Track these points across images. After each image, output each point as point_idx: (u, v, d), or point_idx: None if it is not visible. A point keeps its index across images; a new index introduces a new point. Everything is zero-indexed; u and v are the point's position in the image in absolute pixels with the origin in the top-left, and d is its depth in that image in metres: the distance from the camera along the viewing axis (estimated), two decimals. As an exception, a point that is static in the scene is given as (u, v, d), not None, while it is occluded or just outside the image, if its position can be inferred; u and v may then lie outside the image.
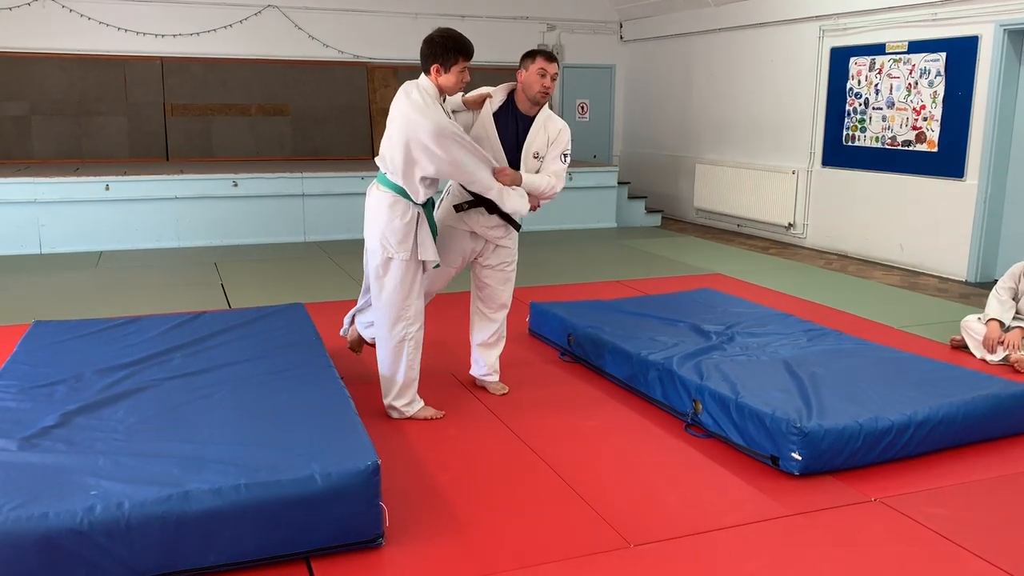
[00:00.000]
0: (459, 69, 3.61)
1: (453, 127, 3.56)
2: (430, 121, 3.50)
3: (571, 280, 6.99)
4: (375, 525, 2.72)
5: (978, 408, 3.58)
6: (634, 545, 2.80)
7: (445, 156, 3.54)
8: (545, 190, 3.89)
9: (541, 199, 3.93)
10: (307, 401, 3.28)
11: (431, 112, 3.52)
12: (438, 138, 3.50)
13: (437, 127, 3.50)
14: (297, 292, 6.36)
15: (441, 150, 3.52)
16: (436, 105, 3.57)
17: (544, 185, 3.88)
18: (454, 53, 3.58)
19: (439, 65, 3.58)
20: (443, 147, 3.52)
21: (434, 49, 3.59)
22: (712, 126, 10.31)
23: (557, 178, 3.93)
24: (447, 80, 3.61)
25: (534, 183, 3.85)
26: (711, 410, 3.66)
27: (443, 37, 3.60)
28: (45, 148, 9.49)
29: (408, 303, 3.77)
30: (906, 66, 7.61)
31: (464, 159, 3.59)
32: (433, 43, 3.60)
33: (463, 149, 3.58)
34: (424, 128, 3.50)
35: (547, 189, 3.89)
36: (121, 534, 2.40)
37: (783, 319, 4.94)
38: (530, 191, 3.84)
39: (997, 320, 4.82)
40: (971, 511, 3.08)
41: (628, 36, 11.73)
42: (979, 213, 7.07)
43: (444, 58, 3.58)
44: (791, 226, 9.07)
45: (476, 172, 3.64)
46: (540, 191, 3.88)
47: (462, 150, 3.57)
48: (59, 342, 4.03)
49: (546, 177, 3.90)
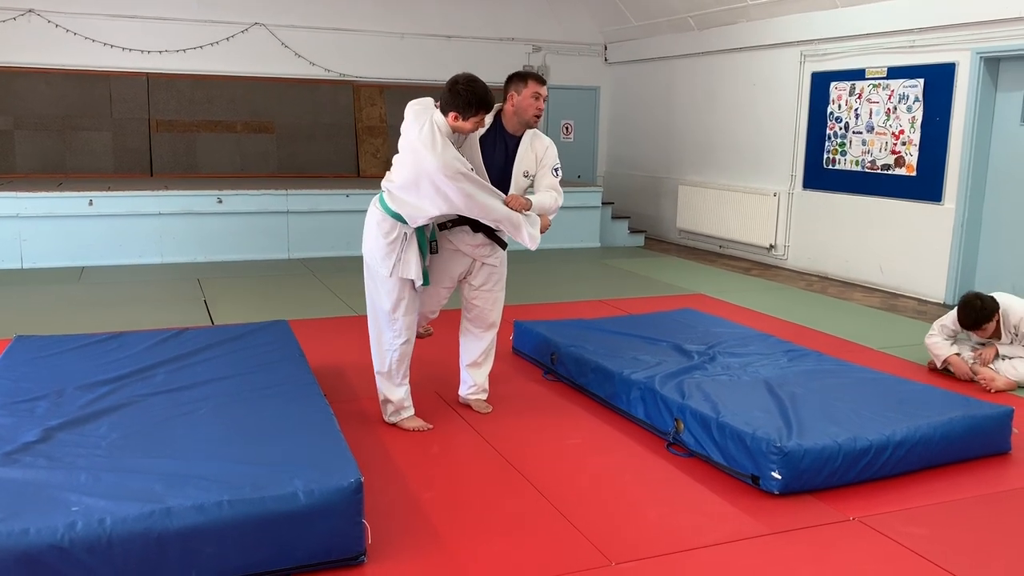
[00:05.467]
0: (477, 120, 3.68)
1: (460, 163, 3.60)
2: (438, 159, 3.55)
3: (554, 299, 7.02)
4: (358, 542, 2.72)
5: (955, 428, 3.62)
6: (615, 563, 2.81)
7: (456, 192, 3.59)
8: (552, 207, 3.95)
9: (549, 215, 3.97)
10: (290, 418, 3.28)
11: (441, 151, 3.56)
12: (447, 175, 3.55)
13: (445, 164, 3.55)
14: (281, 309, 6.35)
15: (451, 186, 3.57)
16: (446, 142, 3.62)
17: (550, 202, 3.94)
18: (475, 108, 3.64)
19: (458, 114, 3.64)
20: (454, 183, 3.57)
21: (456, 100, 3.63)
22: (695, 148, 10.41)
23: (557, 192, 3.99)
24: (463, 126, 3.68)
25: (542, 203, 3.91)
26: (692, 429, 3.68)
27: (468, 91, 3.62)
28: (28, 163, 9.44)
29: (395, 316, 3.83)
30: (885, 91, 7.73)
31: (475, 192, 3.63)
32: (457, 94, 3.63)
33: (472, 184, 3.63)
34: (433, 165, 3.55)
35: (553, 205, 3.96)
36: (103, 551, 2.38)
37: (764, 339, 4.98)
38: (541, 212, 3.90)
39: (955, 355, 4.98)
40: (949, 530, 3.11)
41: (613, 58, 11.85)
42: (956, 236, 7.17)
43: (464, 110, 3.63)
44: (772, 247, 9.16)
45: (487, 203, 3.68)
46: (549, 209, 3.94)
47: (472, 185, 3.62)
48: (41, 357, 4.01)
49: (549, 194, 3.95)
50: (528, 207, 3.82)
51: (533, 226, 3.83)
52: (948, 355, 4.99)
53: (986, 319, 4.81)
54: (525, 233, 3.79)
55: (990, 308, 4.80)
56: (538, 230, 3.86)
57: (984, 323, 4.82)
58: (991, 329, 4.86)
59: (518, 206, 3.77)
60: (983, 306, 4.80)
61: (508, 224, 3.77)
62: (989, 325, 4.83)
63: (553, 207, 3.96)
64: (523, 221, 3.77)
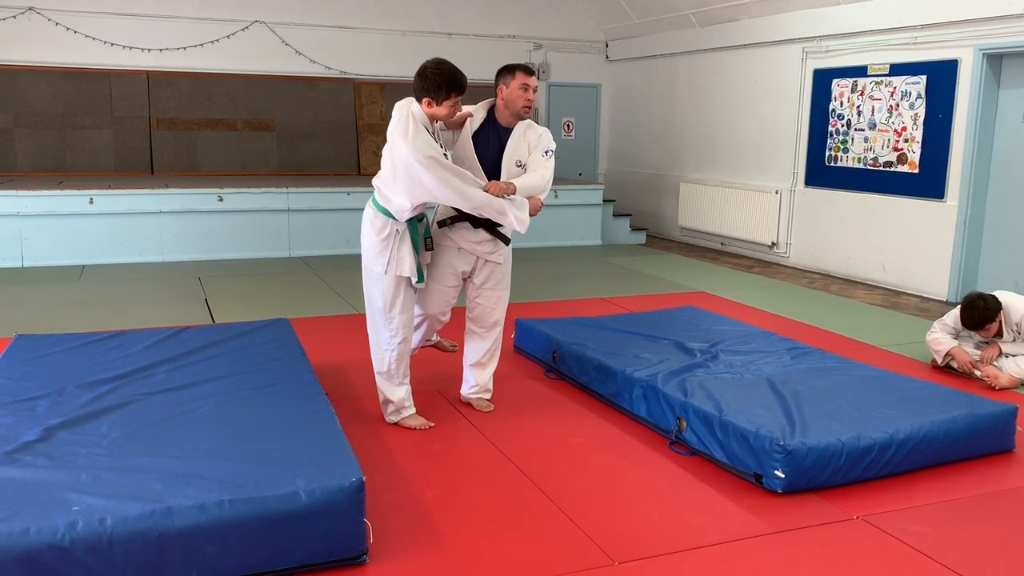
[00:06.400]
0: (451, 103, 3.65)
1: (432, 149, 3.56)
2: (410, 146, 3.52)
3: (556, 297, 7.01)
4: (359, 542, 2.71)
5: (959, 426, 3.61)
6: (618, 563, 2.80)
7: (431, 178, 3.55)
8: (539, 185, 3.87)
9: (540, 195, 3.90)
10: (291, 417, 3.27)
11: (412, 137, 3.53)
12: (419, 161, 3.51)
13: (416, 149, 3.51)
14: (282, 307, 6.34)
15: (425, 173, 3.53)
16: (421, 129, 3.58)
17: (536, 181, 3.86)
18: (445, 89, 3.61)
19: (430, 99, 3.61)
20: (427, 169, 3.53)
21: (426, 84, 3.61)
22: (696, 145, 10.40)
23: (545, 168, 3.89)
24: (438, 112, 3.65)
25: (527, 183, 3.83)
26: (695, 427, 3.67)
27: (435, 73, 3.61)
28: (29, 161, 9.44)
29: (392, 315, 3.83)
30: (887, 88, 7.71)
31: (449, 178, 3.59)
32: (425, 77, 3.61)
33: (446, 170, 3.59)
34: (405, 151, 3.53)
35: (540, 183, 3.87)
36: (103, 550, 2.38)
37: (766, 337, 4.97)
38: (527, 194, 3.82)
39: (957, 348, 4.94)
40: (952, 529, 3.10)
41: (614, 56, 11.83)
42: (959, 234, 7.15)
43: (435, 93, 3.61)
44: (774, 245, 9.14)
45: (465, 189, 3.63)
46: (536, 188, 3.86)
47: (445, 171, 3.58)
48: (41, 356, 4.00)
49: (535, 173, 3.87)
50: (511, 191, 3.74)
51: (520, 209, 3.75)
52: (950, 347, 4.95)
53: (989, 319, 4.79)
54: (512, 217, 3.73)
55: (993, 308, 4.79)
56: (526, 213, 3.78)
57: (987, 323, 4.80)
58: (994, 329, 4.84)
59: (498, 191, 3.70)
60: (986, 306, 4.78)
61: (491, 210, 3.70)
62: (992, 325, 4.82)
63: (541, 186, 3.87)
64: (507, 206, 3.70)
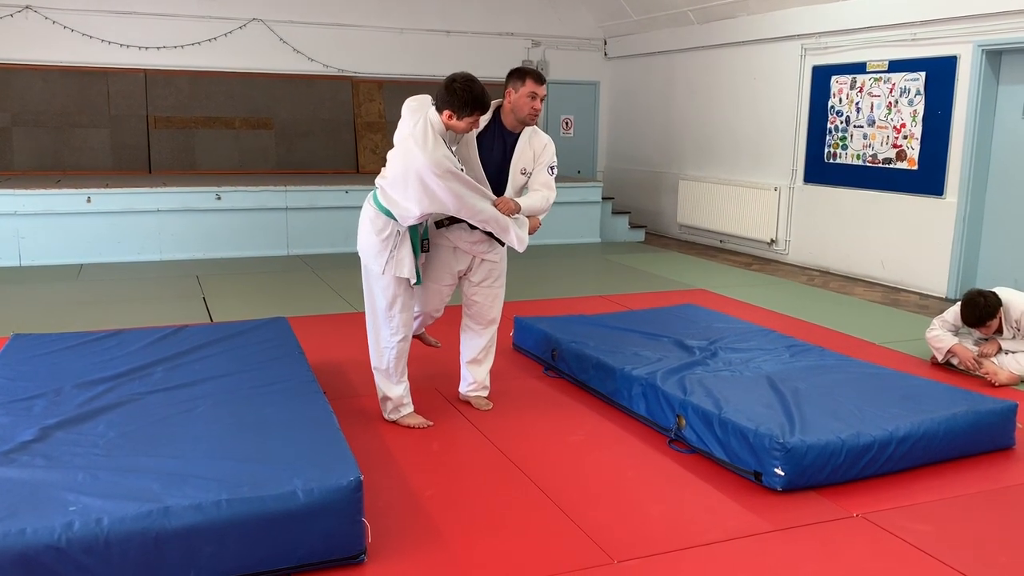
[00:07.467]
0: (471, 120, 3.64)
1: (450, 162, 3.57)
2: (428, 156, 3.51)
3: (555, 295, 7.00)
4: (358, 541, 2.71)
5: (959, 424, 3.60)
6: (617, 561, 2.79)
7: (445, 191, 3.55)
8: (542, 206, 3.92)
9: (540, 216, 3.95)
10: (289, 416, 3.26)
11: (432, 148, 3.53)
12: (436, 173, 3.51)
13: (435, 162, 3.51)
14: (280, 306, 6.33)
15: (441, 185, 3.54)
16: (438, 139, 3.58)
17: (540, 203, 3.91)
18: (470, 108, 3.60)
19: (452, 112, 3.60)
20: (443, 181, 3.53)
21: (452, 98, 3.59)
22: (695, 143, 10.38)
23: (548, 189, 3.96)
24: (457, 125, 3.64)
25: (532, 204, 3.88)
26: (694, 425, 3.66)
27: (465, 91, 3.58)
28: (26, 160, 9.41)
29: (391, 314, 3.83)
30: (886, 85, 7.70)
31: (464, 193, 3.60)
32: (453, 92, 3.59)
33: (461, 184, 3.60)
34: (422, 162, 3.51)
35: (543, 203, 3.92)
36: (100, 551, 2.37)
37: (766, 335, 4.96)
38: (530, 214, 3.87)
39: (959, 345, 4.92)
40: (952, 527, 3.10)
41: (612, 53, 11.81)
42: (958, 230, 7.15)
43: (460, 109, 3.59)
44: (773, 242, 9.14)
45: (476, 204, 3.65)
46: (539, 210, 3.92)
47: (461, 185, 3.59)
48: (38, 355, 3.99)
49: (539, 194, 3.93)
50: (517, 210, 3.80)
51: (521, 228, 3.82)
52: (951, 344, 4.94)
53: (989, 316, 4.78)
54: (513, 235, 3.78)
55: (993, 305, 4.78)
56: (527, 232, 3.84)
57: (988, 320, 4.79)
58: (994, 326, 4.83)
59: (507, 210, 3.74)
60: (986, 303, 4.77)
61: (496, 225, 3.75)
62: (992, 322, 4.81)
63: (543, 208, 3.94)
64: (511, 224, 3.76)
